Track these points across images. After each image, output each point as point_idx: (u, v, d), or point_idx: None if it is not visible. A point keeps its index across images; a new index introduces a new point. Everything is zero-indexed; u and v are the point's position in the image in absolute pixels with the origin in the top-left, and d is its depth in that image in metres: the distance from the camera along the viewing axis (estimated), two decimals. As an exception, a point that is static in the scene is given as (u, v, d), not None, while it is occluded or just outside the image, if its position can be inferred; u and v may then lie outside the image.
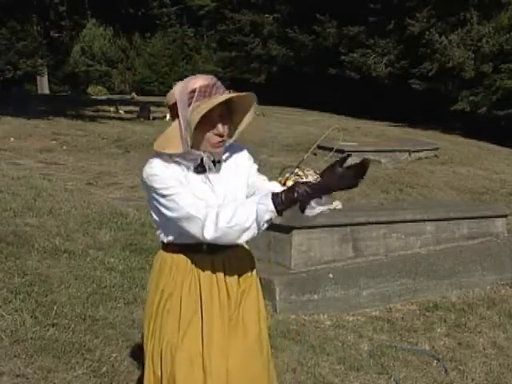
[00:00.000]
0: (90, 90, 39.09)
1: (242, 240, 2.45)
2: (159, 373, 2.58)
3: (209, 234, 2.41)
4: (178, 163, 2.52)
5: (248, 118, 2.58)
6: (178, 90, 2.48)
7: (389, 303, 5.45)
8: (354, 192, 9.46)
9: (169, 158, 2.51)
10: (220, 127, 2.48)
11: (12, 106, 17.83)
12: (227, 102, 2.49)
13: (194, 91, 2.44)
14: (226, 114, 2.52)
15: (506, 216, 6.77)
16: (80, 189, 8.28)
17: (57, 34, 28.27)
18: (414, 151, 14.07)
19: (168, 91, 2.54)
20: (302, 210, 2.40)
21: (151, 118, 18.55)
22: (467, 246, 6.19)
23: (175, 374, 2.52)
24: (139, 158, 11.23)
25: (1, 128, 13.71)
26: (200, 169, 2.54)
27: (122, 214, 6.94)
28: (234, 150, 2.67)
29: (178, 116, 2.47)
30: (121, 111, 20.56)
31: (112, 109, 21.02)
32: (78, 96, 31.74)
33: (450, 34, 23.70)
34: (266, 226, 2.42)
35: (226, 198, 2.56)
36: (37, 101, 22.99)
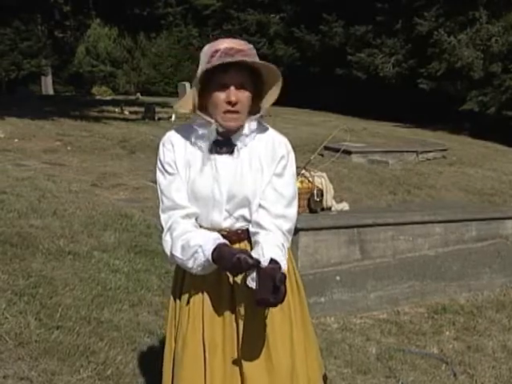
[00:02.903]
0: (94, 90, 39.11)
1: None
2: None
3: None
4: (192, 135, 2.41)
5: (273, 94, 2.40)
6: (204, 49, 2.35)
7: (396, 306, 5.44)
8: (361, 193, 9.46)
9: (185, 126, 2.44)
10: (231, 93, 2.29)
11: (16, 107, 17.88)
12: (252, 76, 2.33)
13: (217, 51, 2.29)
14: (248, 85, 2.33)
15: (515, 218, 6.75)
16: (85, 190, 8.29)
17: (61, 34, 28.31)
18: (421, 152, 14.05)
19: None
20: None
21: (156, 118, 18.58)
22: (476, 247, 6.18)
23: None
24: (144, 158, 11.25)
25: (5, 129, 13.75)
26: (213, 146, 2.38)
27: (127, 216, 6.95)
28: (261, 132, 2.44)
29: None
30: (126, 112, 20.59)
31: (117, 109, 21.06)
32: (82, 96, 31.80)
33: (458, 33, 23.64)
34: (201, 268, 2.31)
35: (230, 194, 2.38)
36: (41, 101, 23.05)
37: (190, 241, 2.32)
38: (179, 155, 2.42)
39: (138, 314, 4.67)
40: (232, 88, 2.29)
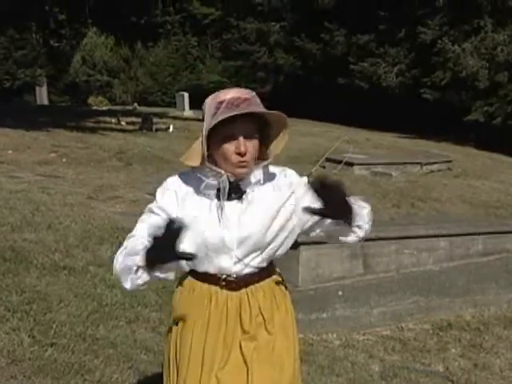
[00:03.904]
0: (90, 100, 39.16)
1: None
2: None
3: None
4: (201, 181, 2.43)
5: (281, 141, 2.45)
6: (209, 100, 2.40)
7: (400, 322, 5.43)
8: (364, 206, 9.44)
9: (192, 173, 2.46)
10: (241, 144, 2.34)
11: (10, 117, 17.90)
12: (259, 123, 2.38)
13: (222, 102, 2.33)
14: (256, 134, 2.39)
15: (522, 231, 6.75)
16: (80, 203, 8.28)
17: (56, 43, 28.45)
18: (426, 164, 14.08)
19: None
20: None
21: (154, 129, 18.58)
22: (482, 262, 6.17)
23: None
24: (141, 171, 11.26)
25: (-2, 140, 13.76)
26: (221, 193, 2.41)
27: (124, 229, 6.93)
28: (268, 176, 2.48)
29: None
30: (122, 122, 20.60)
31: (113, 120, 21.06)
32: (78, 107, 31.84)
33: (463, 42, 23.74)
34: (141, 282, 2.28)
35: (240, 239, 2.41)
36: (36, 112, 23.09)
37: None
38: (182, 201, 2.46)
39: (135, 331, 4.66)
40: (241, 139, 2.35)
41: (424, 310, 5.60)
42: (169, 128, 18.48)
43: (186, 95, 26.90)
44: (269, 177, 2.49)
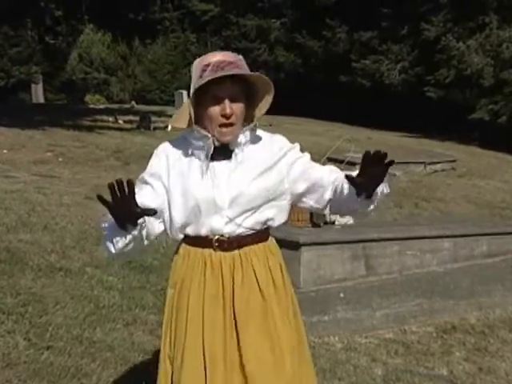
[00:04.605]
0: (87, 98, 39.14)
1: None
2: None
3: None
4: (189, 144, 2.52)
5: (265, 103, 2.53)
6: (196, 62, 2.49)
7: (403, 325, 5.42)
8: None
9: (182, 138, 2.56)
10: (226, 106, 2.42)
11: (6, 116, 17.89)
12: (245, 86, 2.46)
13: (208, 65, 2.43)
14: (241, 97, 2.46)
15: (528, 232, 6.75)
16: (77, 203, 8.29)
17: (52, 40, 28.42)
18: (429, 163, 14.08)
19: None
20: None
21: (152, 128, 18.58)
22: (487, 264, 6.17)
23: None
24: (139, 170, 11.24)
25: (-7, 139, 13.77)
26: (206, 155, 2.49)
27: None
28: (256, 138, 2.57)
29: None
30: (120, 121, 20.61)
31: (111, 118, 21.08)
32: (74, 105, 31.83)
33: (467, 39, 23.73)
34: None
35: (231, 198, 2.46)
36: (31, 110, 23.08)
37: None
38: (172, 166, 2.55)
39: (133, 334, 4.66)
40: (226, 101, 2.43)
41: (428, 313, 5.59)
42: (167, 127, 18.47)
43: (185, 93, 26.88)
44: (257, 138, 2.58)
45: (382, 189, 2.58)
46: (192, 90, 2.42)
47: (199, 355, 2.48)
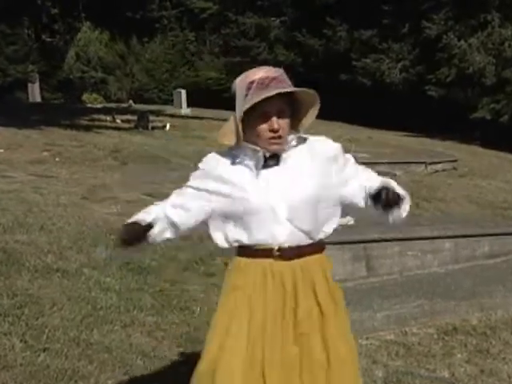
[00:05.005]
0: (84, 97, 39.14)
1: None
2: None
3: None
4: (237, 157, 2.57)
5: (312, 114, 2.61)
6: (238, 81, 2.56)
7: (404, 326, 5.42)
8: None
9: (228, 150, 2.60)
10: (274, 122, 2.50)
11: (2, 115, 17.87)
12: (290, 99, 2.53)
13: (252, 82, 2.50)
14: (287, 110, 2.55)
15: (530, 232, 6.76)
16: (74, 203, 8.28)
17: (49, 39, 28.38)
18: (430, 163, 14.07)
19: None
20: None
21: (150, 127, 18.55)
22: (488, 264, 6.18)
23: None
24: (137, 170, 11.24)
25: (-11, 138, 13.74)
26: (260, 165, 2.56)
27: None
28: (303, 142, 2.64)
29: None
30: (118, 120, 20.59)
31: (108, 118, 21.05)
32: (72, 104, 31.82)
33: (469, 37, 23.72)
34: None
35: (286, 202, 2.52)
36: (28, 109, 23.07)
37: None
38: (222, 174, 2.59)
39: (131, 335, 4.65)
40: (274, 118, 2.50)
41: (429, 314, 5.59)
42: (165, 126, 18.47)
43: (184, 92, 26.88)
44: (305, 145, 2.64)
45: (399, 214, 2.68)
46: (242, 109, 2.47)
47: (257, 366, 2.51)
